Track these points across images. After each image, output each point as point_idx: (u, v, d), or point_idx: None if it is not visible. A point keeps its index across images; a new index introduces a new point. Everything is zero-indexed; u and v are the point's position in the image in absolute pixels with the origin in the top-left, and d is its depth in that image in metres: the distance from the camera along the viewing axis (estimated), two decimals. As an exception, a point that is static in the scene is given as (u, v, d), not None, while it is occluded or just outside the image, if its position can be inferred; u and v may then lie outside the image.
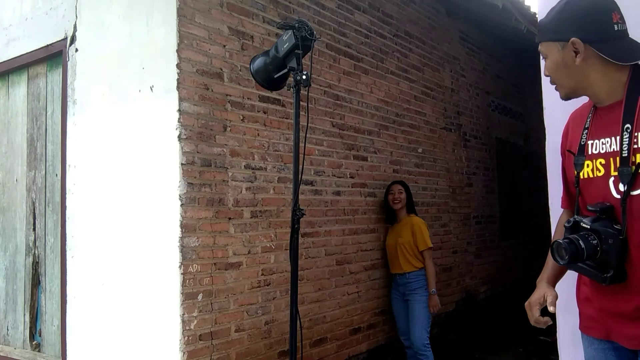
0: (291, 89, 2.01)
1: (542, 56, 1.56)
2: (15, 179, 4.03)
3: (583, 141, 1.54)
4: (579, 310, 1.63)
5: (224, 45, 3.19)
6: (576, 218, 1.49)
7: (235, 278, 3.15)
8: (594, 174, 1.50)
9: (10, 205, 4.04)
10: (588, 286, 1.56)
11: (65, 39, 3.59)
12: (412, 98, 4.98)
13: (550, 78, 1.57)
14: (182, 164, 2.89)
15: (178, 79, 2.91)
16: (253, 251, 3.28)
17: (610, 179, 1.45)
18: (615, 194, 1.43)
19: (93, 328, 3.29)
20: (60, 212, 3.59)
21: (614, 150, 1.44)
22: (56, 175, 3.71)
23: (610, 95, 1.48)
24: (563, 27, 1.47)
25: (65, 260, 3.50)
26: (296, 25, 1.96)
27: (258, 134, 3.37)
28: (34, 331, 3.82)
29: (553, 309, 1.55)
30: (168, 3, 2.97)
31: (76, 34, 3.53)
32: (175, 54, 2.91)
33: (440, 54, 5.50)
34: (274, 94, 3.44)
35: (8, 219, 4.06)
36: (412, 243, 4.05)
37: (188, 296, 2.87)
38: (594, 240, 1.42)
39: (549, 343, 4.69)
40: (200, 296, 2.93)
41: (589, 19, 1.44)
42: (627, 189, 1.39)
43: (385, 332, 4.35)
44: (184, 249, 2.86)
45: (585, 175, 1.52)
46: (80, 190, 3.44)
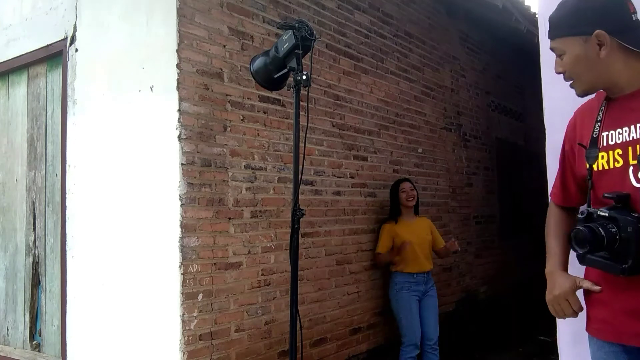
0: (291, 89, 2.01)
1: (557, 53, 1.52)
2: (15, 179, 4.03)
3: (595, 134, 1.52)
4: (586, 312, 1.61)
5: (224, 45, 3.19)
6: (589, 209, 1.46)
7: (235, 278, 3.15)
8: (610, 165, 1.47)
9: (10, 205, 4.04)
10: (602, 285, 1.53)
11: (65, 39, 3.59)
12: (412, 98, 4.98)
13: (565, 74, 1.53)
14: (182, 164, 2.89)
15: (178, 79, 2.91)
16: (253, 251, 3.28)
17: (630, 168, 1.42)
18: (634, 182, 1.41)
19: (93, 328, 3.29)
20: (60, 212, 3.59)
21: (633, 138, 1.42)
22: (56, 175, 3.71)
23: (630, 84, 1.47)
24: (585, 21, 1.45)
25: (65, 260, 3.50)
26: (296, 25, 1.96)
27: (258, 134, 3.37)
28: (34, 331, 3.82)
29: (599, 287, 1.51)
30: (168, 3, 2.97)
31: (76, 34, 3.53)
32: (175, 54, 2.91)
33: (440, 54, 5.50)
34: (274, 94, 3.44)
35: (8, 219, 4.06)
36: (431, 242, 4.17)
37: (188, 296, 2.87)
38: (613, 229, 1.39)
39: (549, 343, 4.69)
40: (200, 296, 2.93)
41: (609, 11, 1.44)
42: None
43: (385, 332, 4.35)
44: (184, 249, 2.86)
45: (600, 167, 1.49)
46: (80, 190, 3.44)
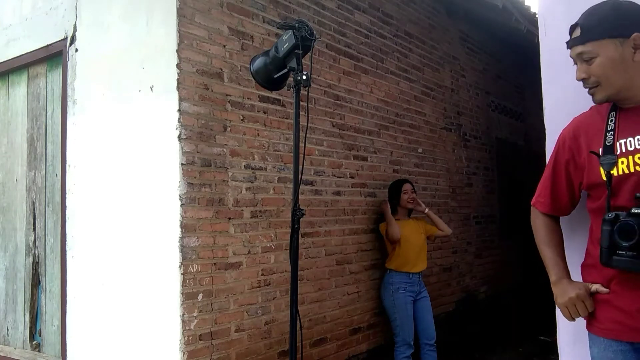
0: (291, 89, 2.01)
1: (586, 57, 1.53)
2: (15, 179, 4.03)
3: (609, 142, 1.53)
4: (590, 313, 1.61)
5: (224, 45, 3.19)
6: (616, 212, 1.47)
7: (235, 278, 3.15)
8: (631, 169, 1.49)
9: (10, 205, 4.05)
10: (609, 287, 1.54)
11: (65, 39, 3.59)
12: (412, 98, 4.98)
13: (590, 80, 1.54)
14: (182, 164, 2.89)
15: (178, 79, 2.91)
16: (253, 251, 3.28)
17: None
18: None
19: (93, 328, 3.29)
20: (60, 212, 3.60)
21: None
22: (56, 175, 3.71)
23: None
24: (623, 24, 1.47)
25: (65, 260, 3.50)
26: (296, 25, 1.95)
27: (258, 134, 3.37)
28: (34, 331, 3.82)
29: (608, 289, 1.54)
30: (168, 3, 2.97)
31: (76, 34, 3.53)
32: (175, 54, 2.91)
33: (440, 54, 5.50)
34: (274, 94, 3.44)
35: (8, 219, 4.06)
36: (425, 242, 4.20)
37: (188, 296, 2.87)
38: None
39: (549, 343, 4.69)
40: (200, 296, 2.93)
41: (638, 14, 1.48)
42: None
43: (385, 332, 4.35)
44: (184, 249, 2.86)
45: (621, 172, 1.50)
46: (80, 190, 3.44)
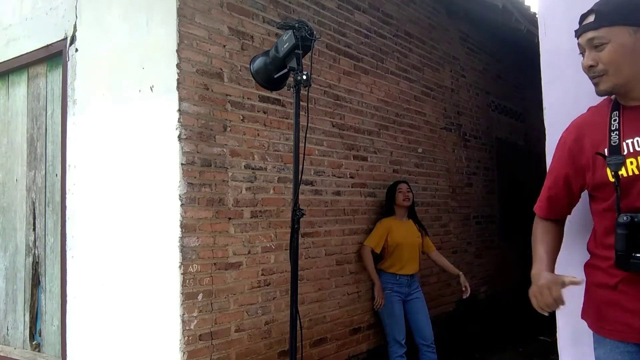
0: (291, 89, 2.01)
1: (597, 42, 1.49)
2: (15, 179, 4.03)
3: (615, 142, 1.51)
4: (594, 314, 1.60)
5: (224, 45, 3.19)
6: (631, 215, 1.43)
7: (235, 278, 3.15)
8: (638, 171, 1.47)
9: (10, 205, 4.05)
10: (617, 288, 1.52)
11: (65, 39, 3.59)
12: (412, 98, 4.98)
13: (597, 68, 1.50)
14: (182, 164, 2.89)
15: (178, 79, 2.91)
16: (253, 251, 3.28)
17: None
18: None
19: (93, 328, 3.29)
20: (60, 212, 3.60)
21: None
22: (56, 175, 3.71)
23: None
24: (638, 12, 1.45)
25: (65, 260, 3.50)
26: (296, 25, 1.95)
27: (258, 134, 3.37)
28: (34, 331, 3.82)
29: (579, 279, 1.52)
30: (168, 3, 2.97)
31: (76, 34, 3.53)
32: (175, 54, 2.91)
33: (440, 54, 5.50)
34: (274, 94, 3.44)
35: (8, 219, 4.06)
36: (420, 245, 4.17)
37: (188, 296, 2.87)
38: None
39: (549, 343, 4.69)
40: (200, 296, 2.93)
41: None
42: None
43: (385, 332, 4.35)
44: (184, 249, 2.86)
45: (630, 173, 1.48)
46: (80, 190, 3.44)
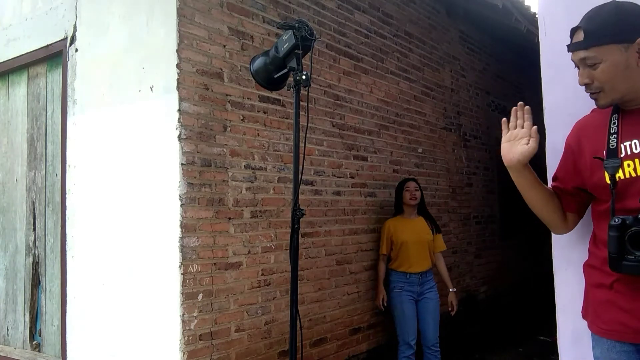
0: (291, 89, 2.01)
1: (590, 62, 1.51)
2: (15, 179, 4.03)
3: (613, 145, 1.53)
4: (593, 313, 1.61)
5: (224, 45, 3.19)
6: (621, 216, 1.45)
7: (235, 278, 3.15)
8: (636, 173, 1.49)
9: (10, 205, 4.05)
10: (613, 288, 1.53)
11: (65, 39, 3.59)
12: (412, 98, 4.98)
13: (593, 85, 1.53)
14: (182, 164, 2.89)
15: (178, 79, 2.91)
16: (253, 251, 3.28)
17: None
18: None
19: (93, 328, 3.29)
20: (60, 212, 3.60)
21: None
22: (56, 175, 3.71)
23: None
24: (627, 29, 1.46)
25: (65, 260, 3.50)
26: (296, 25, 1.95)
27: (258, 134, 3.37)
28: (34, 331, 3.82)
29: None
30: (168, 3, 2.97)
31: (76, 34, 3.53)
32: (175, 54, 2.91)
33: (440, 54, 5.50)
34: (274, 94, 3.44)
35: (8, 219, 4.06)
36: (431, 243, 4.11)
37: (188, 296, 2.87)
38: None
39: (549, 343, 4.69)
40: (200, 296, 2.93)
41: None
42: None
43: (385, 332, 4.35)
44: (184, 249, 2.86)
45: (627, 175, 1.50)
46: (80, 190, 3.44)
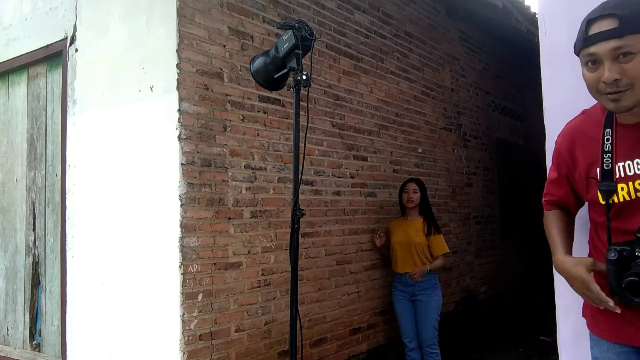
0: (291, 89, 2.01)
1: (624, 51, 1.32)
2: (15, 179, 4.03)
3: (607, 166, 1.44)
4: (590, 314, 1.60)
5: (224, 45, 3.19)
6: (617, 248, 1.38)
7: (235, 278, 3.15)
8: (632, 196, 1.41)
9: (10, 205, 4.05)
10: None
11: (65, 39, 3.59)
12: (412, 98, 4.98)
13: (622, 81, 1.34)
14: (182, 164, 2.89)
15: (178, 79, 2.91)
16: (253, 251, 3.28)
17: None
18: None
19: (93, 328, 3.29)
20: (60, 212, 3.60)
21: None
22: (56, 175, 3.71)
23: None
24: None
25: (65, 260, 3.50)
26: (296, 25, 1.95)
27: (258, 134, 3.37)
28: (34, 331, 3.82)
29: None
30: (168, 3, 2.97)
31: (76, 34, 3.53)
32: (175, 54, 2.91)
33: (440, 54, 5.50)
34: (274, 94, 3.44)
35: (8, 219, 4.06)
36: (427, 245, 4.03)
37: (188, 296, 2.87)
38: None
39: (549, 343, 4.69)
40: (200, 296, 2.93)
41: None
42: None
43: (385, 332, 4.35)
44: (184, 249, 2.86)
45: (622, 199, 1.42)
46: (80, 190, 3.44)
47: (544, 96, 2.04)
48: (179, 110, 2.90)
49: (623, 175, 1.43)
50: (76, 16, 3.54)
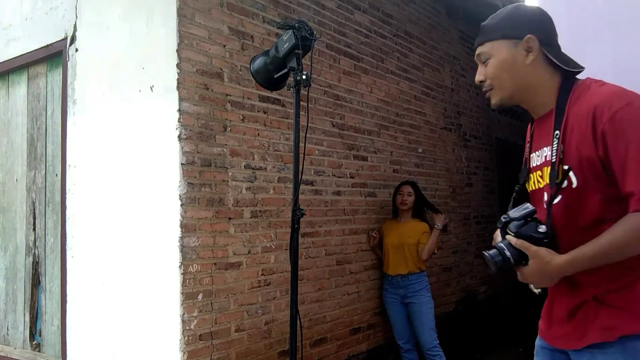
0: (291, 89, 2.01)
1: (483, 58, 1.53)
2: (15, 179, 4.03)
3: (526, 155, 1.60)
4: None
5: (224, 45, 3.19)
6: (506, 218, 1.47)
7: (235, 278, 3.15)
8: (536, 186, 1.53)
9: (10, 205, 4.04)
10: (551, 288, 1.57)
11: (65, 39, 3.59)
12: (412, 98, 4.98)
13: (486, 83, 1.53)
14: (182, 164, 2.89)
15: (178, 79, 2.91)
16: (253, 251, 3.28)
17: (545, 189, 1.47)
18: (545, 203, 1.45)
19: (93, 328, 3.29)
20: (60, 212, 3.60)
21: (546, 159, 1.47)
22: (56, 175, 3.71)
23: (545, 104, 1.50)
24: (518, 25, 1.47)
25: (65, 260, 3.50)
26: (296, 25, 1.96)
27: (258, 134, 3.37)
28: (34, 331, 3.82)
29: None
30: (168, 3, 2.97)
31: (76, 34, 3.53)
32: (175, 54, 2.91)
33: (440, 54, 5.50)
34: (274, 94, 3.44)
35: (8, 219, 4.06)
36: (415, 246, 4.02)
37: (188, 296, 2.87)
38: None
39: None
40: (200, 296, 2.93)
41: (543, 23, 1.48)
42: (554, 193, 1.40)
43: (385, 332, 4.35)
44: (184, 249, 2.86)
45: (532, 187, 1.56)
46: (80, 190, 3.44)
47: (544, 96, 2.03)
48: (179, 110, 2.90)
49: (533, 165, 1.56)
50: (76, 16, 3.54)
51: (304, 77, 1.95)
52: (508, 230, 1.45)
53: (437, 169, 5.30)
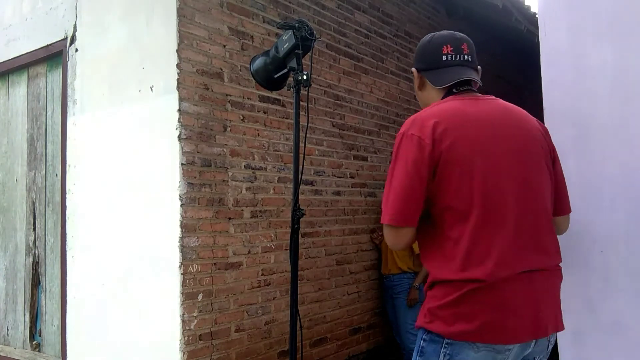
0: (291, 89, 2.01)
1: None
2: (15, 179, 4.03)
3: None
4: None
5: (224, 45, 3.19)
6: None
7: (235, 278, 3.15)
8: None
9: (10, 205, 4.04)
10: None
11: (65, 39, 3.59)
12: (412, 98, 4.98)
13: None
14: (182, 164, 2.89)
15: (178, 79, 2.91)
16: (253, 251, 3.28)
17: None
18: None
19: (93, 328, 3.29)
20: (60, 212, 3.59)
21: None
22: (56, 175, 3.71)
23: None
24: (416, 57, 1.76)
25: (65, 260, 3.50)
26: (296, 25, 1.95)
27: (258, 134, 3.37)
28: (34, 331, 3.82)
29: None
30: (168, 3, 2.97)
31: (76, 34, 3.53)
32: (175, 54, 2.91)
33: (440, 54, 5.49)
34: (274, 94, 3.44)
35: (8, 219, 4.06)
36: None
37: (188, 296, 2.87)
38: None
39: (549, 343, 4.68)
40: (200, 296, 2.93)
41: (422, 52, 1.70)
42: None
43: (385, 332, 4.35)
44: (184, 249, 2.86)
45: None
46: (80, 190, 3.44)
47: (544, 96, 2.04)
48: (179, 110, 2.90)
49: None
50: (76, 16, 3.54)
51: (304, 77, 1.95)
52: None
53: (437, 169, 5.29)
